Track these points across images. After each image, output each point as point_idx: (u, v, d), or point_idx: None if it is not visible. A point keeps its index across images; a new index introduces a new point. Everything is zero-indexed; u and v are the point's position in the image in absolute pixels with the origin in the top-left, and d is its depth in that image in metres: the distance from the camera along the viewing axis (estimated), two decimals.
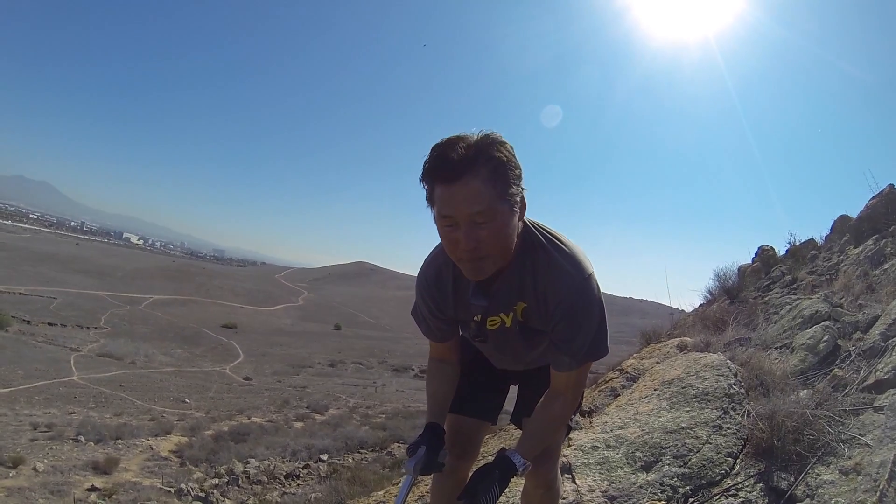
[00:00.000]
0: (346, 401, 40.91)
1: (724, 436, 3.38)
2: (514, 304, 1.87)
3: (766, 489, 2.94)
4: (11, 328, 52.90)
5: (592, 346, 1.83)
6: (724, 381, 3.89)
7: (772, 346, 4.70)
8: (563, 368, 1.89)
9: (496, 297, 1.87)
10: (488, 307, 1.90)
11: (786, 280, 7.00)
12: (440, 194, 1.62)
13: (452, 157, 1.57)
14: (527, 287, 1.82)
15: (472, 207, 1.58)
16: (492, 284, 1.84)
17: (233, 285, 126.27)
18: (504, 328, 1.95)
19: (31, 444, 21.80)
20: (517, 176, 1.64)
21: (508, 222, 1.66)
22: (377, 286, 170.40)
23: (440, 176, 1.60)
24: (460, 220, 1.61)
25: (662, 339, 6.52)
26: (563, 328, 1.81)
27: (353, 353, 69.12)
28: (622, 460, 3.34)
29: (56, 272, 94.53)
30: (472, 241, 1.62)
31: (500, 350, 2.10)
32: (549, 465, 2.09)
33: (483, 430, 2.35)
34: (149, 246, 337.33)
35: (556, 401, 1.94)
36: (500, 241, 1.66)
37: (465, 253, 1.65)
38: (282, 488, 18.27)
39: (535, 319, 1.87)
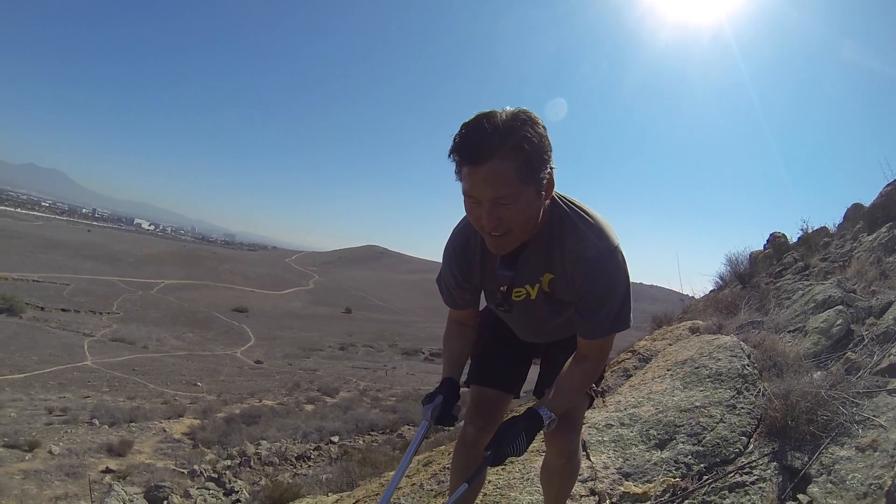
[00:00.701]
0: (357, 384, 41.17)
1: (737, 415, 3.37)
2: (541, 275, 1.90)
3: (780, 468, 2.92)
4: (25, 314, 53.41)
5: (618, 318, 1.85)
6: (738, 362, 3.89)
7: (784, 330, 4.71)
8: (589, 337, 1.91)
9: (522, 269, 1.90)
10: (514, 278, 1.93)
11: (798, 266, 7.04)
12: (466, 174, 1.62)
13: (479, 139, 1.56)
14: (554, 259, 1.84)
15: (497, 191, 1.59)
16: (518, 256, 1.87)
17: (243, 269, 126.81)
18: (529, 300, 1.97)
19: (46, 427, 22.07)
20: (545, 158, 1.63)
21: (534, 202, 1.66)
22: (387, 269, 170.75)
23: (467, 158, 1.60)
24: (484, 201, 1.62)
25: (674, 323, 6.49)
26: (589, 299, 1.83)
27: (363, 337, 69.44)
28: (636, 438, 3.35)
29: (68, 259, 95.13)
30: (494, 219, 1.64)
31: (525, 320, 2.12)
32: (572, 434, 2.11)
33: (505, 403, 2.33)
34: (160, 231, 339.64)
35: (583, 362, 1.96)
36: (522, 221, 1.67)
37: (488, 229, 1.67)
38: (293, 469, 18.40)
39: (562, 290, 1.89)
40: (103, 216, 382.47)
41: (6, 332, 44.38)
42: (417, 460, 5.02)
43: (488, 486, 2.79)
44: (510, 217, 1.64)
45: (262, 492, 13.51)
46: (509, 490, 2.95)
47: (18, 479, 16.10)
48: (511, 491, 2.94)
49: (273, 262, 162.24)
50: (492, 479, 2.92)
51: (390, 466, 6.44)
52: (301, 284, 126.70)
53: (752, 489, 2.74)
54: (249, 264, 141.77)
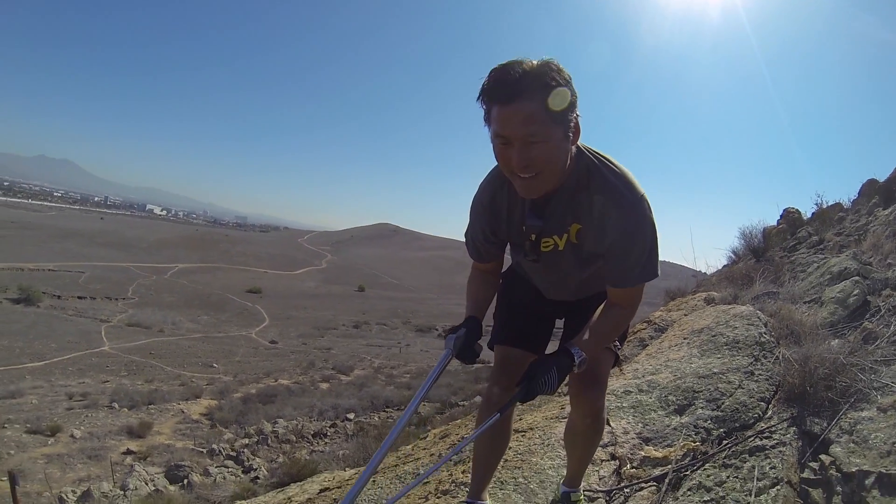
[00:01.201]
0: (371, 361, 41.43)
1: (756, 381, 3.36)
2: (568, 225, 1.90)
3: (799, 433, 2.91)
4: (43, 303, 54.10)
5: (647, 266, 1.85)
6: (755, 330, 3.89)
7: (800, 301, 4.71)
8: (619, 285, 1.91)
9: (551, 218, 1.90)
10: (543, 228, 1.93)
11: (812, 241, 7.06)
12: (496, 114, 1.64)
13: (509, 78, 1.59)
14: (581, 208, 1.84)
15: (527, 128, 1.60)
16: (546, 205, 1.88)
17: (256, 251, 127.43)
18: (557, 251, 1.97)
19: (67, 412, 22.41)
20: (573, 102, 1.64)
21: (562, 144, 1.67)
22: (400, 247, 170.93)
23: (497, 96, 1.62)
24: (514, 140, 1.63)
25: (688, 296, 6.49)
26: (617, 248, 1.83)
27: (376, 315, 69.77)
28: (655, 404, 3.35)
29: (82, 247, 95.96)
30: (525, 159, 1.64)
31: (552, 274, 2.12)
32: (598, 391, 2.11)
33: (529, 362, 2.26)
34: (172, 216, 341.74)
35: (613, 308, 1.96)
36: (552, 162, 1.68)
37: (517, 170, 1.68)
38: (310, 446, 18.58)
39: (590, 241, 1.89)
40: (115, 203, 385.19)
41: (25, 321, 45.04)
42: (434, 433, 4.99)
43: (509, 452, 2.79)
44: (540, 157, 1.64)
45: (280, 468, 13.63)
46: (530, 456, 2.94)
47: (42, 463, 16.37)
48: (532, 456, 2.93)
49: (285, 243, 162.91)
50: (512, 446, 2.93)
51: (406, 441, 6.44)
52: (314, 264, 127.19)
53: (773, 453, 2.72)
54: (262, 245, 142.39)
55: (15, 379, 28.27)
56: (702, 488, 2.55)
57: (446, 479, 2.88)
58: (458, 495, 2.65)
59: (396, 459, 4.42)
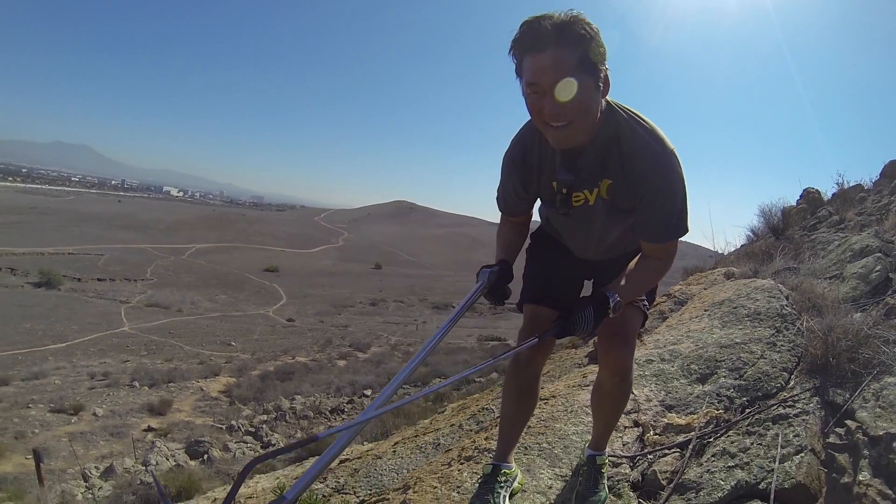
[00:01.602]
0: (388, 339, 41.63)
1: (778, 352, 3.34)
2: (599, 180, 1.91)
3: (822, 403, 2.89)
4: (63, 286, 54.95)
5: (678, 222, 1.87)
6: (776, 303, 3.87)
7: (821, 277, 4.69)
8: (653, 241, 1.94)
9: (582, 172, 1.91)
10: (574, 182, 1.94)
11: (833, 220, 7.02)
12: (528, 64, 1.66)
13: (541, 28, 1.61)
14: (612, 162, 1.86)
15: (559, 75, 1.62)
16: (577, 159, 1.89)
17: (273, 230, 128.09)
18: (587, 206, 1.99)
19: (89, 392, 22.79)
20: (602, 54, 1.67)
21: (593, 94, 1.70)
22: (417, 225, 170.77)
23: (528, 46, 1.65)
24: (546, 88, 1.65)
25: (707, 271, 6.47)
26: (649, 203, 1.85)
27: (393, 292, 70.01)
28: (678, 373, 3.34)
29: (101, 230, 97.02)
30: (557, 107, 1.67)
31: (582, 230, 2.13)
32: (627, 349, 2.12)
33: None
34: (189, 197, 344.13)
35: (648, 259, 1.99)
36: (584, 110, 1.70)
37: (550, 118, 1.70)
38: (327, 422, 18.77)
39: (621, 196, 1.90)
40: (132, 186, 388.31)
41: (46, 304, 45.77)
42: (452, 407, 5.00)
43: (532, 419, 2.77)
44: (572, 106, 1.66)
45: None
46: (553, 422, 2.94)
47: (66, 441, 16.68)
48: (555, 423, 2.93)
49: (302, 222, 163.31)
50: (535, 413, 2.92)
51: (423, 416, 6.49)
52: (330, 242, 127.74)
53: (796, 421, 2.70)
54: (278, 224, 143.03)
55: (38, 361, 28.81)
56: (726, 454, 2.53)
57: (469, 446, 2.88)
58: (482, 461, 2.65)
59: (416, 431, 4.43)
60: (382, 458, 3.63)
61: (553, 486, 2.45)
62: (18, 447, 15.75)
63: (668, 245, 1.94)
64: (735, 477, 2.38)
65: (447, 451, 3.03)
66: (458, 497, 2.41)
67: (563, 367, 4.87)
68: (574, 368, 4.53)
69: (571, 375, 3.96)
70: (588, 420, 2.89)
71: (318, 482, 3.79)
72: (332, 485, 3.57)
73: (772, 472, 2.37)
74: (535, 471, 2.53)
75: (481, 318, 56.48)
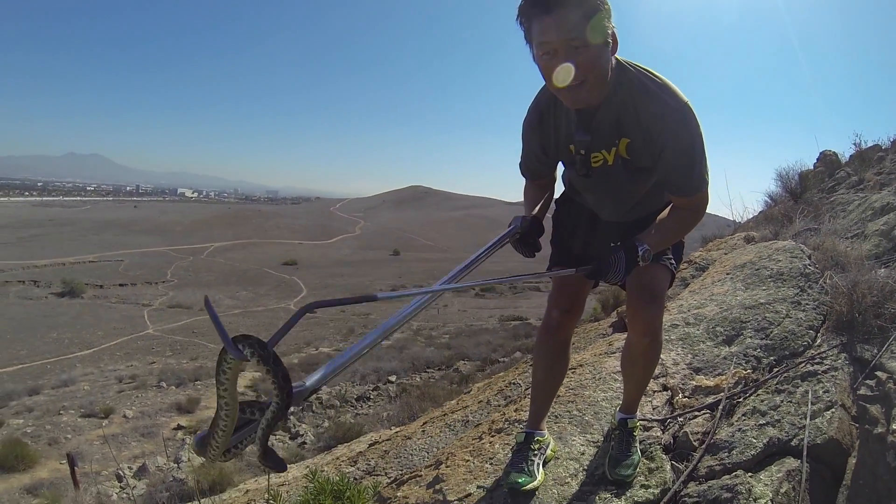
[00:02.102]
0: (410, 324, 41.47)
1: (803, 311, 3.34)
2: (616, 139, 1.93)
3: (850, 359, 2.87)
4: (86, 294, 55.67)
5: (699, 174, 1.88)
6: (799, 262, 3.88)
7: (842, 237, 4.66)
8: (680, 194, 1.95)
9: (598, 132, 1.93)
10: (591, 142, 1.96)
11: (852, 181, 7.01)
12: (537, 27, 1.70)
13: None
14: (628, 120, 1.88)
15: (568, 34, 1.66)
16: (592, 119, 1.91)
17: (289, 223, 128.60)
18: (607, 166, 2.00)
19: (118, 395, 23.08)
20: (607, 12, 1.70)
21: (602, 51, 1.73)
22: (432, 209, 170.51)
23: (536, 9, 1.69)
24: (558, 47, 1.69)
25: (727, 237, 6.46)
26: (666, 157, 1.87)
27: (413, 277, 70.05)
28: (703, 335, 3.35)
29: (119, 236, 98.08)
30: (570, 65, 1.70)
31: (605, 190, 2.14)
32: (656, 308, 2.12)
33: (587, 287, 2.35)
34: (203, 197, 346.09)
35: (677, 210, 2.01)
36: (596, 68, 1.73)
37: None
38: (354, 410, 18.89)
39: (640, 154, 1.92)
40: (147, 191, 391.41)
41: (71, 312, 46.46)
42: (477, 387, 5.02)
43: (561, 389, 2.78)
44: (584, 63, 1.70)
45: (327, 433, 13.93)
46: (582, 390, 2.96)
47: (98, 444, 16.91)
48: (584, 390, 2.95)
49: (318, 213, 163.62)
50: (563, 383, 2.92)
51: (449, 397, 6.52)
52: (348, 232, 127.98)
53: (825, 377, 2.69)
54: (294, 217, 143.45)
55: (67, 368, 29.19)
56: (756, 413, 2.53)
57: (499, 419, 2.90)
58: (513, 432, 2.66)
59: (443, 411, 4.46)
60: (412, 439, 3.66)
61: (585, 452, 2.46)
62: (52, 453, 16.00)
63: (698, 196, 1.95)
64: (767, 435, 2.37)
65: (477, 426, 3.04)
66: (492, 468, 2.43)
67: (588, 339, 4.88)
68: (598, 339, 4.53)
69: (597, 345, 3.96)
70: (617, 386, 2.90)
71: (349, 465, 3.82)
72: (363, 467, 3.61)
73: (803, 428, 2.36)
74: (566, 438, 2.54)
75: (502, 298, 56.47)
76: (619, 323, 4.85)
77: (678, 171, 1.89)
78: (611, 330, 4.76)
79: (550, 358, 2.32)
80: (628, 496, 2.19)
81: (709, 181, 1.93)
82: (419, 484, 2.53)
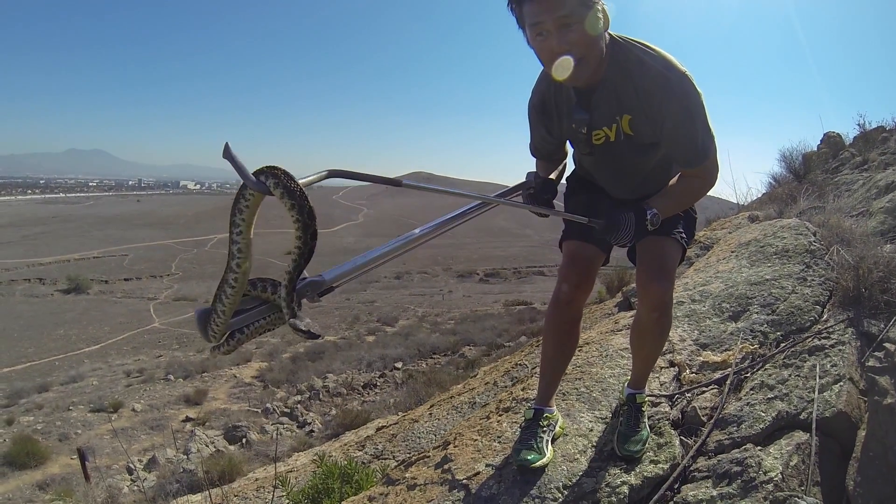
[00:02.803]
0: (415, 311, 41.79)
1: (809, 287, 3.33)
2: (617, 115, 1.94)
3: (857, 333, 2.85)
4: (92, 290, 55.82)
5: (704, 143, 1.88)
6: (804, 239, 3.87)
7: (847, 214, 4.62)
8: (688, 165, 1.95)
9: (597, 110, 1.96)
10: (591, 120, 1.98)
11: (856, 161, 7.00)
12: (528, 9, 1.73)
13: None
14: (627, 96, 1.89)
15: (560, 11, 1.68)
16: (591, 97, 1.94)
17: None
18: (609, 143, 2.02)
19: (126, 389, 23.25)
20: None
21: (595, 27, 1.74)
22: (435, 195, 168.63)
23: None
24: (551, 26, 1.71)
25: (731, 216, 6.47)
26: (675, 130, 1.87)
27: (417, 264, 70.04)
28: (709, 312, 3.34)
29: (123, 231, 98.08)
30: (564, 43, 1.73)
31: (610, 167, 2.17)
32: (666, 282, 2.11)
33: (598, 261, 2.34)
34: (206, 189, 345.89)
35: (688, 178, 2.01)
36: (590, 44, 1.76)
37: (560, 56, 1.75)
38: (361, 398, 18.97)
39: (643, 129, 1.93)
40: (149, 185, 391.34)
41: (77, 308, 46.66)
42: (483, 371, 5.03)
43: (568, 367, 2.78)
44: (578, 40, 1.73)
45: (334, 420, 14.00)
46: (589, 367, 2.96)
47: (108, 438, 17.02)
48: (591, 368, 2.95)
49: (320, 201, 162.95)
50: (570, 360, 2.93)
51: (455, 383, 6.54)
52: (351, 219, 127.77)
53: (832, 351, 2.68)
54: None
55: (75, 364, 29.42)
56: (764, 387, 2.53)
57: (507, 398, 2.90)
58: (519, 411, 2.67)
59: (450, 394, 4.48)
60: (419, 422, 3.67)
61: (594, 429, 2.46)
62: (63, 449, 16.13)
63: (708, 164, 1.94)
64: (775, 408, 2.37)
65: (484, 406, 3.05)
66: (500, 447, 2.44)
67: (594, 319, 4.88)
68: (604, 319, 4.53)
69: (603, 323, 3.97)
70: (624, 363, 2.90)
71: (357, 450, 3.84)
72: (371, 451, 3.63)
73: (812, 402, 2.35)
74: (574, 415, 2.55)
75: (507, 283, 56.46)
76: (624, 302, 4.85)
77: (681, 143, 1.89)
78: (616, 310, 4.76)
79: (561, 333, 2.32)
80: (638, 472, 2.19)
81: (715, 148, 1.92)
82: (427, 465, 2.54)
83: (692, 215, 2.30)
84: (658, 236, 2.11)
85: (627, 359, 2.87)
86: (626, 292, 5.06)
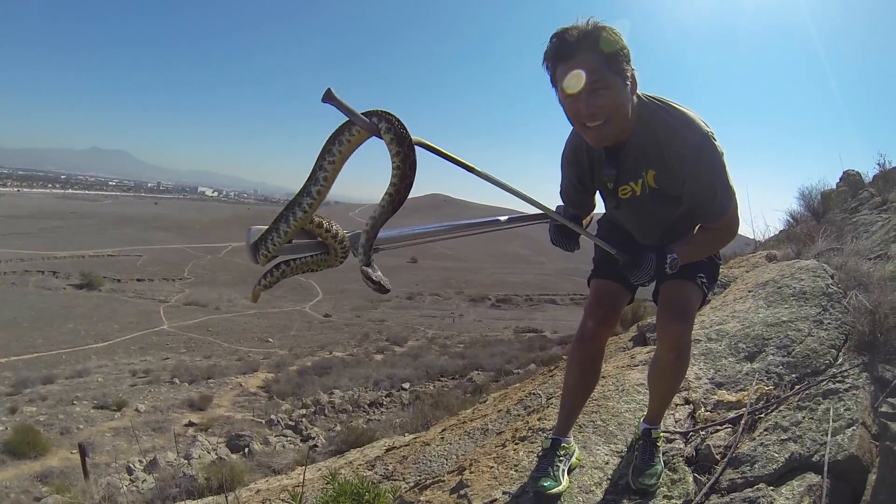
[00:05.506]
0: (425, 332, 41.73)
1: (825, 330, 3.33)
2: (643, 171, 2.04)
3: (871, 378, 2.87)
4: (104, 287, 56.37)
5: (722, 203, 1.97)
6: (822, 282, 3.86)
7: (865, 257, 4.61)
8: (711, 221, 2.05)
9: (624, 166, 2.06)
10: (617, 175, 2.09)
11: (875, 202, 6.90)
12: (562, 72, 1.83)
13: (569, 38, 1.79)
14: (652, 152, 1.98)
15: (591, 76, 1.78)
16: (619, 153, 2.03)
17: None
18: (636, 196, 2.12)
19: (131, 389, 23.31)
20: (626, 55, 1.83)
21: (623, 92, 1.84)
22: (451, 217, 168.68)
23: (560, 55, 1.82)
24: (580, 92, 1.81)
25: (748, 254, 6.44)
26: (690, 185, 1.96)
27: (429, 285, 70.05)
28: (725, 351, 3.37)
29: (139, 232, 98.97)
30: (592, 106, 1.83)
31: (636, 218, 2.26)
32: (685, 325, 2.17)
33: (624, 298, 2.43)
34: (223, 197, 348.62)
35: (710, 230, 2.10)
36: (617, 108, 1.85)
37: (586, 119, 1.86)
38: (366, 415, 18.87)
39: (667, 183, 2.02)
40: (168, 188, 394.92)
41: (88, 304, 47.06)
42: (493, 397, 5.03)
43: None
44: (605, 104, 1.82)
45: (338, 436, 13.92)
46: (606, 401, 3.00)
47: (110, 436, 17.05)
48: (608, 402, 2.99)
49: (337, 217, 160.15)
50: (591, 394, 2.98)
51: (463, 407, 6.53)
52: None
53: (846, 395, 2.70)
54: None
55: (81, 359, 29.69)
56: (778, 428, 2.55)
57: (523, 427, 2.94)
58: (536, 441, 2.70)
59: (460, 419, 4.48)
60: (430, 445, 3.68)
61: (609, 462, 2.50)
62: (64, 442, 16.14)
63: (727, 218, 2.03)
64: (788, 450, 2.39)
65: (499, 434, 3.08)
66: (517, 475, 2.47)
67: (608, 352, 4.89)
68: (619, 352, 4.55)
69: (619, 357, 3.99)
70: (640, 398, 2.94)
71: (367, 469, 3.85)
72: (381, 472, 3.64)
73: (824, 444, 2.37)
74: (590, 447, 2.58)
75: (518, 309, 56.26)
76: (639, 337, 4.86)
77: (701, 203, 1.99)
78: (631, 343, 4.77)
79: (583, 366, 2.38)
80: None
81: (735, 205, 2.03)
82: (442, 489, 2.57)
83: (716, 262, 2.39)
84: (680, 279, 2.19)
85: (643, 394, 2.90)
86: (641, 327, 5.07)
